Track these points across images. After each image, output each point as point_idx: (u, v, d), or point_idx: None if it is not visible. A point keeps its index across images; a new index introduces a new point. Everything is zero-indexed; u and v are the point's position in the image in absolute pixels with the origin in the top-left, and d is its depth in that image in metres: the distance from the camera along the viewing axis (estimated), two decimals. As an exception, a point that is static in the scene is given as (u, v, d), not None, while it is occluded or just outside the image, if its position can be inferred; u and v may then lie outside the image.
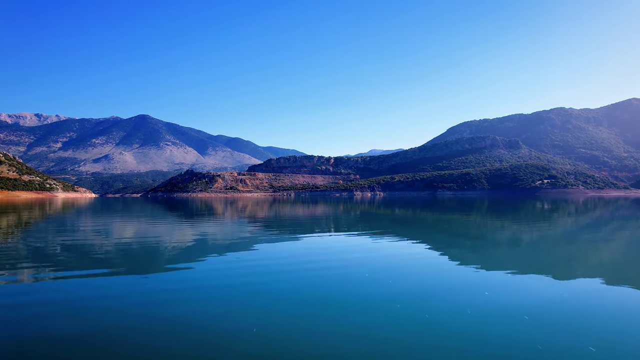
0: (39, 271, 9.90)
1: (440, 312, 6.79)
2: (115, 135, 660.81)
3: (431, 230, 21.61)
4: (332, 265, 10.60)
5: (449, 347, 5.30)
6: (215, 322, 6.27)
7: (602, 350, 5.25)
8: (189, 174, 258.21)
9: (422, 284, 8.80)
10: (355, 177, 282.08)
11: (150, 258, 12.18)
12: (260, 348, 5.27)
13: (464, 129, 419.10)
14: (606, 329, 6.06)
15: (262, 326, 6.06)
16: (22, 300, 7.53)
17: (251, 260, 11.47)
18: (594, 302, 7.41)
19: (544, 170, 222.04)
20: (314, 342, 5.53)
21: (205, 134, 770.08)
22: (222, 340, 5.58)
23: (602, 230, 21.10)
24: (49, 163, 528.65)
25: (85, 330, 5.92)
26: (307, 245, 15.04)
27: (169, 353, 5.12)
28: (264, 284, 8.66)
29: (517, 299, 7.55)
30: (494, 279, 9.14)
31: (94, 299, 7.52)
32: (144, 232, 19.96)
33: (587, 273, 9.94)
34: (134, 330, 5.92)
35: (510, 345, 5.39)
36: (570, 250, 14.21)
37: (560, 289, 8.25)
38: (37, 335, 5.73)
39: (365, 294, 7.84)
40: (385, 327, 6.05)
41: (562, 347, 5.35)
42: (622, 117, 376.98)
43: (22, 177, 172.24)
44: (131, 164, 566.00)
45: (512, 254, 13.21)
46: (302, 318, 6.48)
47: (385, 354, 5.08)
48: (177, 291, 8.10)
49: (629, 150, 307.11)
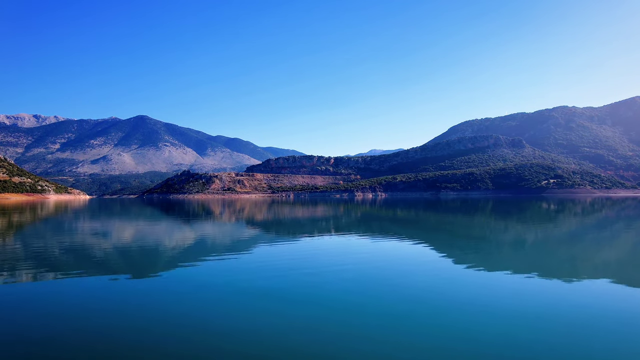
0: (37, 273, 9.75)
1: (441, 312, 6.73)
2: (113, 136, 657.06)
3: (434, 232, 21.03)
4: (332, 266, 10.50)
5: (449, 348, 5.43)
6: (214, 323, 6.24)
7: (602, 350, 5.34)
8: (185, 175, 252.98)
9: (422, 284, 8.67)
10: (356, 178, 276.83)
11: (147, 261, 11.77)
12: (260, 348, 5.41)
13: (465, 128, 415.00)
14: (607, 329, 5.97)
15: (262, 326, 6.03)
16: (22, 301, 7.47)
17: (250, 262, 11.31)
18: (594, 303, 7.25)
19: (550, 169, 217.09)
20: (314, 342, 5.51)
21: (204, 135, 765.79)
22: (222, 340, 5.56)
23: (622, 235, 19.38)
24: (46, 164, 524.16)
25: (84, 331, 5.88)
26: (307, 246, 14.79)
27: (169, 353, 5.24)
28: (263, 285, 8.54)
29: (518, 299, 7.45)
30: (494, 280, 9.00)
31: (91, 300, 7.43)
32: (125, 237, 18.73)
33: (596, 274, 9.73)
34: (134, 331, 5.88)
35: (510, 345, 5.44)
36: (579, 252, 13.87)
37: (561, 290, 8.13)
38: (37, 336, 5.71)
39: (365, 295, 7.77)
40: (385, 328, 6.00)
41: (562, 347, 5.40)
42: (626, 115, 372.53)
43: (12, 178, 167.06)
44: (130, 165, 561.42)
45: (517, 256, 12.84)
46: (302, 318, 6.44)
47: (386, 354, 5.20)
48: (176, 292, 7.97)
49: (634, 149, 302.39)
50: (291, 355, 5.06)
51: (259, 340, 5.49)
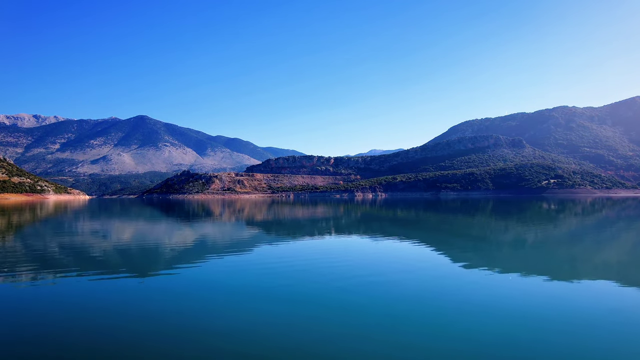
0: (35, 274, 9.68)
1: (441, 312, 6.70)
2: (113, 136, 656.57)
3: (434, 232, 20.93)
4: (332, 267, 10.45)
5: (449, 348, 5.42)
6: (214, 323, 6.21)
7: (602, 350, 5.33)
8: (185, 175, 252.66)
9: (422, 284, 8.62)
10: (356, 178, 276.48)
11: (146, 261, 11.73)
12: (260, 348, 5.41)
13: (465, 128, 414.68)
14: (607, 329, 5.94)
15: (262, 326, 6.01)
16: (21, 301, 7.40)
17: (250, 262, 11.29)
18: (594, 303, 7.22)
19: (550, 169, 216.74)
20: (314, 342, 5.50)
21: (204, 135, 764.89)
22: (222, 340, 5.55)
23: (623, 236, 19.17)
24: (46, 164, 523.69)
25: (84, 331, 5.86)
26: (307, 247, 14.78)
27: (169, 353, 5.25)
28: (263, 285, 8.50)
29: (518, 299, 7.40)
30: (494, 280, 8.95)
31: (89, 301, 7.40)
32: (125, 238, 18.61)
33: (596, 275, 9.70)
34: (134, 331, 5.85)
35: (510, 345, 5.42)
36: (579, 252, 13.76)
37: (561, 290, 8.08)
38: (37, 336, 5.68)
39: (365, 295, 7.73)
40: (385, 328, 5.97)
41: (562, 347, 5.39)
42: (626, 115, 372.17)
43: (11, 179, 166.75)
44: (129, 165, 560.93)
45: (517, 256, 12.77)
46: (302, 318, 6.41)
47: (386, 354, 5.19)
48: (176, 292, 7.92)
49: (635, 149, 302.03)
50: (291, 355, 5.05)
51: (259, 340, 5.50)
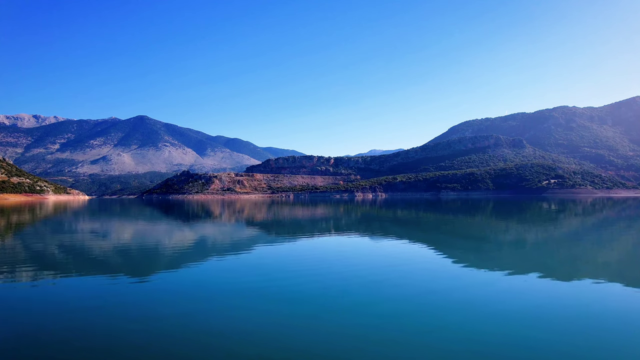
0: (35, 274, 9.65)
1: (441, 312, 6.68)
2: (113, 136, 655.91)
3: (435, 232, 20.91)
4: (332, 267, 10.41)
5: (449, 348, 5.42)
6: (214, 323, 6.21)
7: (602, 350, 5.33)
8: (185, 175, 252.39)
9: (423, 284, 8.63)
10: (356, 178, 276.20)
11: (146, 262, 11.65)
12: (260, 348, 5.41)
13: (465, 128, 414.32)
14: (607, 329, 5.92)
15: (262, 326, 5.99)
16: (21, 302, 7.40)
17: (250, 262, 11.24)
18: (595, 303, 7.19)
19: (551, 169, 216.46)
20: (314, 342, 5.49)
21: (204, 135, 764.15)
22: (222, 340, 5.54)
23: (623, 236, 19.06)
24: (46, 165, 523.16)
25: (84, 331, 5.84)
26: (307, 247, 14.76)
27: (169, 353, 5.25)
28: (263, 285, 8.48)
29: (518, 299, 7.39)
30: (494, 280, 8.93)
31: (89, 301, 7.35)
32: (125, 238, 18.48)
33: (596, 274, 9.65)
34: (134, 331, 5.84)
35: (510, 345, 5.41)
36: (580, 252, 13.65)
37: (561, 290, 8.06)
38: (37, 336, 5.68)
39: (365, 295, 7.73)
40: (385, 328, 5.95)
41: (562, 346, 5.38)
42: (626, 115, 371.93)
43: (11, 179, 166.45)
44: (129, 165, 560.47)
45: (518, 256, 12.74)
46: (302, 318, 6.40)
47: (386, 354, 5.19)
48: (176, 292, 7.92)
49: (635, 149, 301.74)
50: (292, 356, 5.04)
51: (259, 341, 5.49)
